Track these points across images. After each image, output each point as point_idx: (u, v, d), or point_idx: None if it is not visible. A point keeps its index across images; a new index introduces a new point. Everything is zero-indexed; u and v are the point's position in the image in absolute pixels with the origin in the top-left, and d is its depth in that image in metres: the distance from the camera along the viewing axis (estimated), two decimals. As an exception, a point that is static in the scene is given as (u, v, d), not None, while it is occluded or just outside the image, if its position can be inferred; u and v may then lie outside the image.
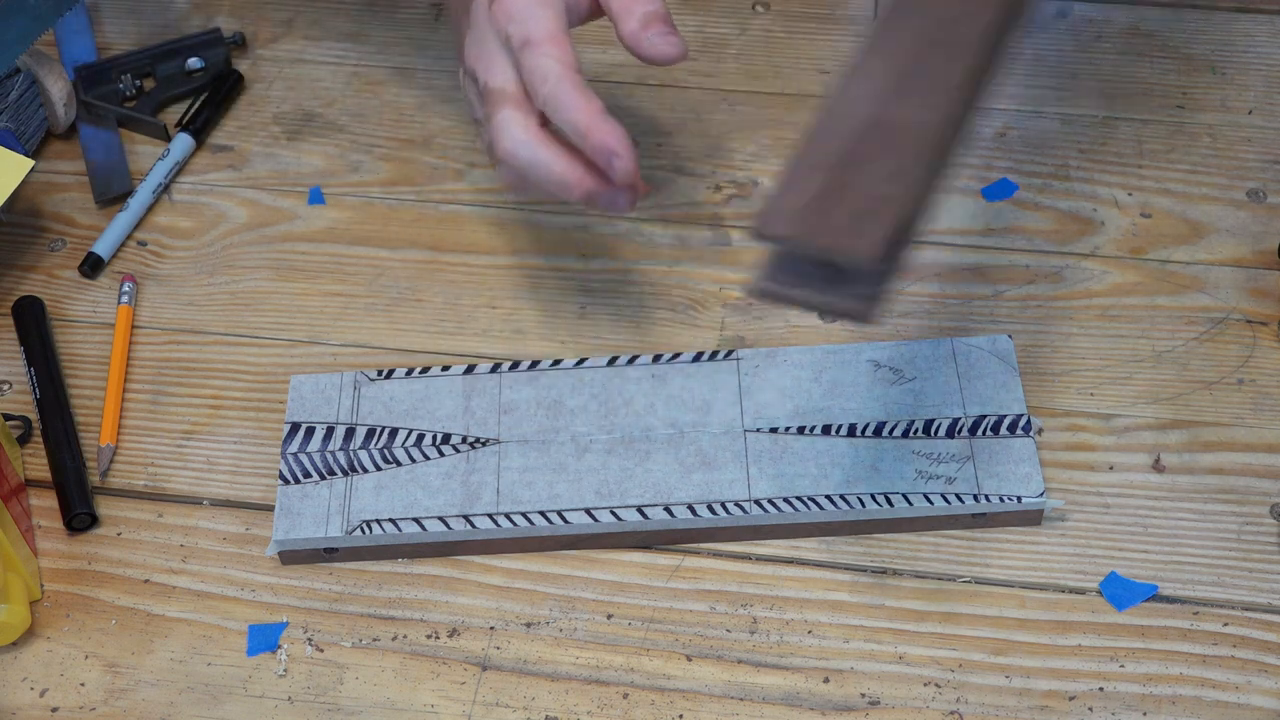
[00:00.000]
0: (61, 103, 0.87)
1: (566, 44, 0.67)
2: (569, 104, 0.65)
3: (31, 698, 0.67)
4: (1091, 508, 0.69)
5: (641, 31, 0.68)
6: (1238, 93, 0.86)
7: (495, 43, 0.68)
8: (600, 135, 0.65)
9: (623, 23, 0.68)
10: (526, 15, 0.67)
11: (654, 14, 0.68)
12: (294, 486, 0.70)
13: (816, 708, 0.64)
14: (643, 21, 0.68)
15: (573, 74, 0.66)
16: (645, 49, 0.68)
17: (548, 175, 0.67)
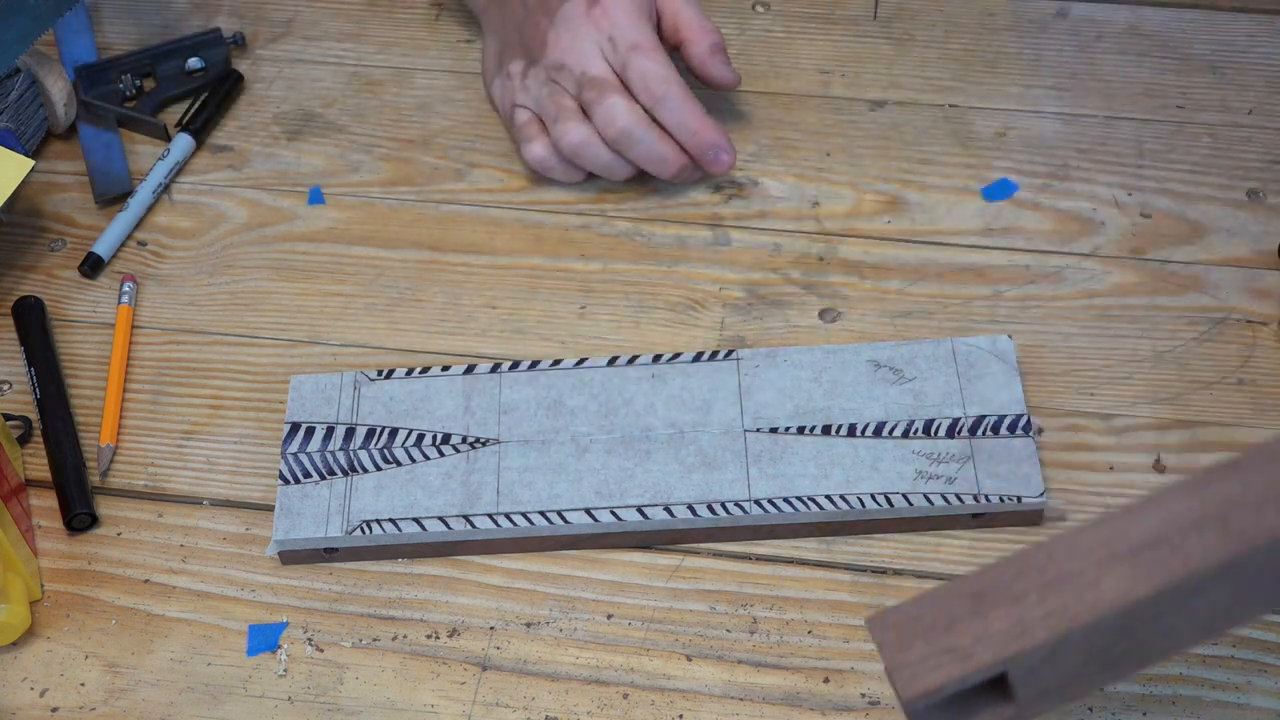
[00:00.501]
0: (61, 103, 0.87)
1: (666, 53, 0.79)
2: (681, 106, 0.78)
3: (31, 698, 0.67)
4: (1091, 508, 0.69)
5: (709, 56, 0.81)
6: (1238, 93, 0.86)
7: (592, 40, 0.78)
8: (710, 133, 0.78)
9: (692, 47, 0.81)
10: (632, 24, 0.78)
11: (717, 44, 0.82)
12: (294, 486, 0.70)
13: (816, 708, 0.64)
14: (710, 49, 0.81)
15: (680, 79, 0.78)
16: (711, 71, 0.82)
17: (652, 150, 0.78)
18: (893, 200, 0.82)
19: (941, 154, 0.84)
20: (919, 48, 0.90)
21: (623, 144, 0.78)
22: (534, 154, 0.80)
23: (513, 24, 0.82)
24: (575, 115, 0.79)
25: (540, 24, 0.80)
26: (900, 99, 0.87)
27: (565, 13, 0.79)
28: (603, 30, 0.78)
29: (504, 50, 0.83)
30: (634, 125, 0.77)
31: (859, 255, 0.80)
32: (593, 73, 0.78)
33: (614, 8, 0.78)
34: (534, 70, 0.80)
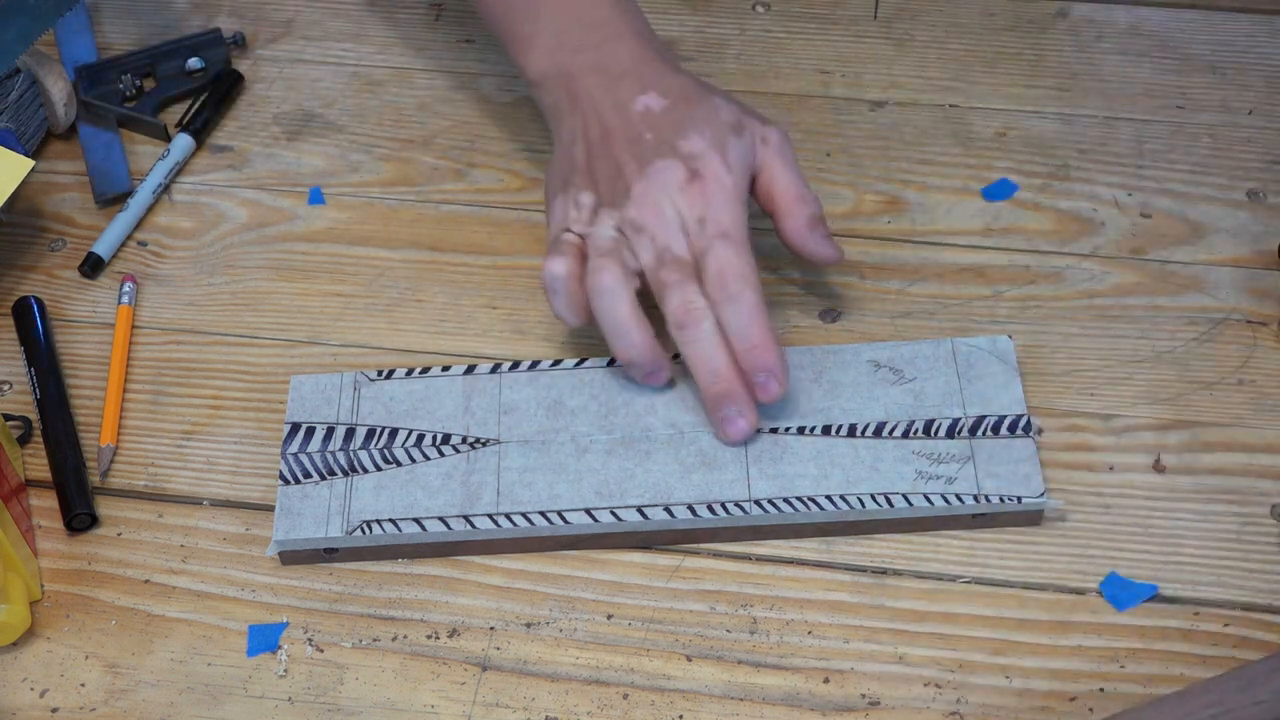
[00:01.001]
0: (61, 103, 0.87)
1: (752, 248, 0.71)
2: (752, 312, 0.69)
3: (31, 698, 0.67)
4: (1091, 508, 0.69)
5: (808, 230, 0.73)
6: (1238, 93, 0.86)
7: (683, 215, 0.70)
8: (769, 355, 0.69)
9: (788, 220, 0.73)
10: (729, 209, 0.71)
11: (816, 216, 0.73)
12: (294, 487, 0.70)
13: (816, 708, 0.64)
14: (809, 222, 0.73)
15: (758, 283, 0.70)
16: (811, 248, 0.73)
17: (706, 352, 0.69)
18: (893, 200, 0.82)
19: (941, 154, 0.84)
20: (919, 48, 0.90)
21: (683, 333, 0.69)
22: (555, 269, 0.71)
23: (588, 146, 0.73)
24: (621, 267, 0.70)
25: (626, 167, 0.71)
26: (900, 99, 0.87)
27: (659, 173, 0.71)
28: (695, 209, 0.70)
29: (575, 173, 0.73)
30: (704, 321, 0.69)
31: (859, 255, 0.80)
32: (677, 252, 0.70)
33: (715, 188, 0.70)
34: (608, 213, 0.71)
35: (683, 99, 0.73)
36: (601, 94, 0.74)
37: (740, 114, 0.73)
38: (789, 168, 0.73)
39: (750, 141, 0.72)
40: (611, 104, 0.73)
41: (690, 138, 0.71)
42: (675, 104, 0.73)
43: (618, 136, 0.72)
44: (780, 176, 0.73)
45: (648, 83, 0.74)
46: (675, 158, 0.71)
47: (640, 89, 0.73)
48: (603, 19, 0.76)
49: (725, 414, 0.69)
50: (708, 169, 0.71)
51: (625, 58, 0.75)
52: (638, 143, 0.72)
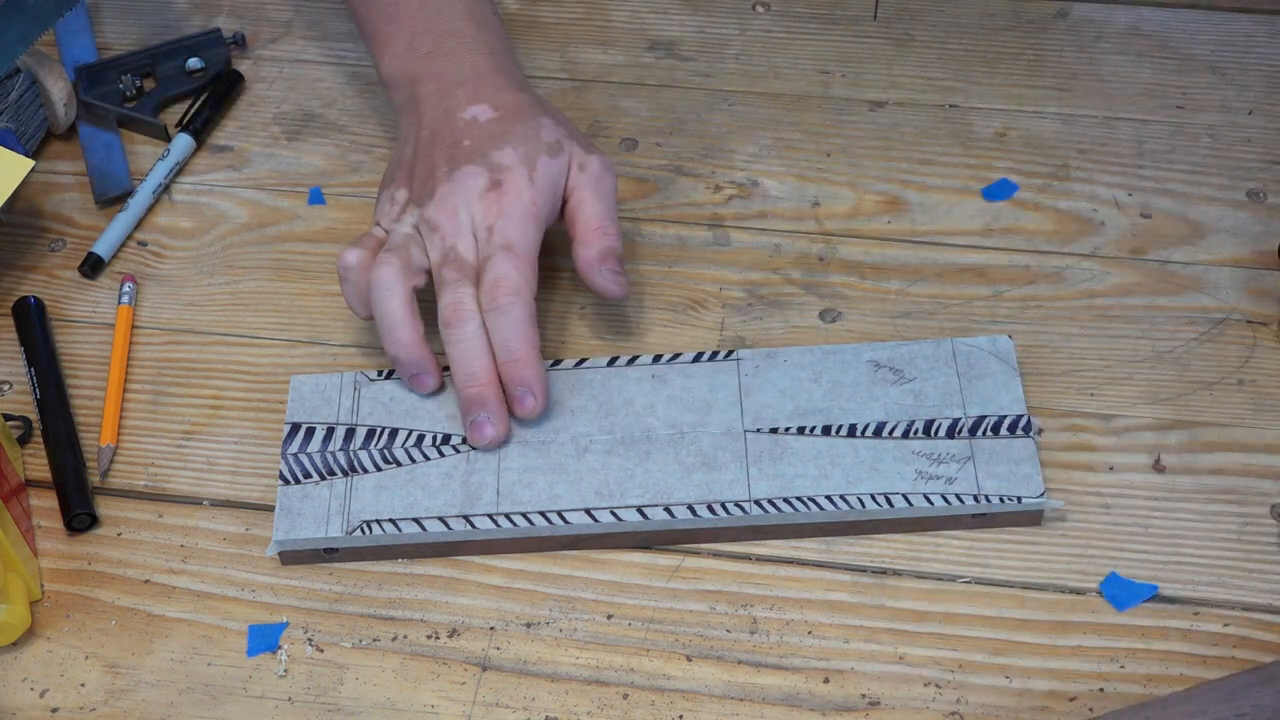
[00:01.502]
0: (61, 103, 0.87)
1: (536, 268, 0.72)
2: (519, 328, 0.70)
3: (31, 698, 0.67)
4: (1091, 508, 0.69)
5: (597, 263, 0.73)
6: (1238, 93, 0.86)
7: (475, 221, 0.72)
8: (528, 370, 0.70)
9: (581, 248, 0.74)
10: (520, 225, 0.72)
11: (609, 250, 0.74)
12: (294, 487, 0.70)
13: (816, 708, 0.64)
14: (600, 255, 0.73)
15: (531, 298, 0.71)
16: (595, 280, 0.73)
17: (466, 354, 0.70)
18: (893, 200, 0.82)
19: (941, 154, 0.84)
20: (919, 48, 0.90)
21: (449, 331, 0.70)
22: (347, 259, 0.73)
23: (415, 148, 0.76)
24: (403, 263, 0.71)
25: (438, 170, 0.74)
26: (900, 99, 0.87)
27: (464, 178, 0.73)
28: (489, 217, 0.72)
29: (398, 170, 0.76)
30: (469, 323, 0.70)
31: (859, 255, 0.80)
32: (461, 254, 0.71)
33: (511, 201, 0.72)
34: (412, 210, 0.73)
35: (512, 113, 0.75)
36: (437, 100, 0.76)
37: (564, 137, 0.75)
38: (599, 198, 0.74)
39: (564, 164, 0.74)
40: (443, 110, 0.76)
41: (504, 149, 0.73)
42: (503, 116, 0.75)
43: (441, 141, 0.75)
44: (587, 205, 0.74)
45: (482, 95, 0.76)
46: (483, 166, 0.73)
47: (473, 99, 0.76)
48: (456, 30, 0.79)
49: (475, 418, 0.70)
50: (510, 181, 0.72)
51: (468, 69, 0.77)
52: (455, 148, 0.74)
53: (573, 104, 0.88)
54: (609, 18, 0.93)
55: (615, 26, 0.93)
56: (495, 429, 0.70)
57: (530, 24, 0.93)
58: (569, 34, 0.93)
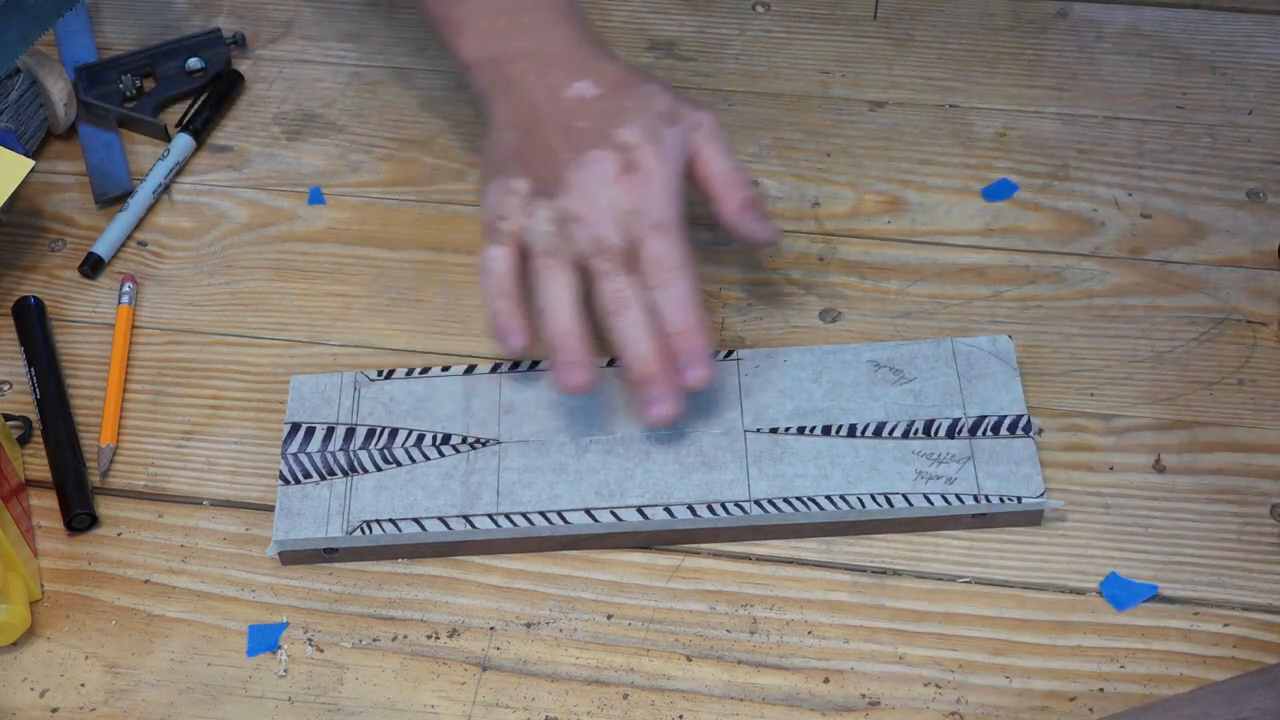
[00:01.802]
0: (61, 103, 0.87)
1: (688, 236, 0.71)
2: (686, 301, 0.69)
3: (31, 698, 0.67)
4: (1091, 508, 0.69)
5: (741, 214, 0.73)
6: (1238, 93, 0.86)
7: (618, 207, 0.70)
8: (697, 340, 0.69)
9: (722, 205, 0.73)
10: (665, 203, 0.71)
11: (749, 200, 0.73)
12: (294, 487, 0.70)
13: (816, 708, 0.64)
14: (742, 206, 0.73)
15: (693, 272, 0.70)
16: (745, 230, 0.73)
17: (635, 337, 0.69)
18: (893, 200, 0.82)
19: (941, 154, 0.84)
20: (919, 48, 0.90)
21: (613, 319, 0.70)
22: (493, 256, 0.71)
23: (522, 133, 0.73)
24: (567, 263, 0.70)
25: (559, 156, 0.71)
26: (900, 99, 0.87)
27: (594, 164, 0.71)
28: (630, 201, 0.70)
29: (508, 160, 0.73)
30: (631, 309, 0.69)
31: (859, 255, 0.80)
32: (611, 242, 0.70)
33: (650, 181, 0.70)
34: (543, 202, 0.71)
35: (616, 86, 0.73)
36: (534, 79, 0.74)
37: (673, 102, 0.73)
38: (722, 152, 0.73)
39: (684, 129, 0.73)
40: (545, 89, 0.73)
41: (625, 128, 0.71)
42: (609, 92, 0.73)
43: (551, 123, 0.72)
44: (713, 161, 0.73)
45: (581, 69, 0.73)
46: (610, 148, 0.71)
47: (574, 75, 0.73)
48: (534, 3, 0.76)
49: (648, 396, 0.69)
50: (643, 162, 0.71)
51: (558, 43, 0.75)
52: (571, 131, 0.72)
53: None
54: (609, 18, 0.93)
55: (615, 26, 0.93)
56: (668, 407, 0.69)
57: (530, 24, 0.93)
58: (569, 34, 0.93)
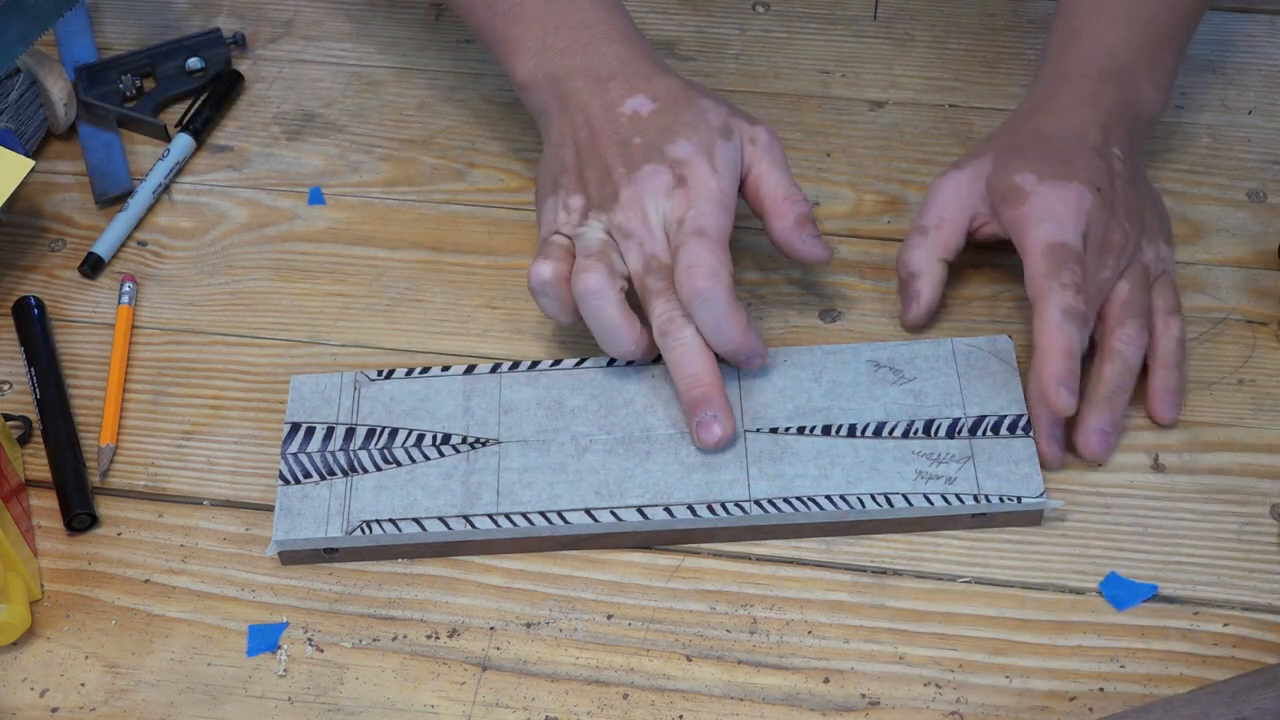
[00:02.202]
0: (61, 103, 0.87)
1: (729, 251, 0.70)
2: (726, 313, 0.69)
3: (31, 698, 0.67)
4: (1091, 508, 0.69)
5: (796, 231, 0.72)
6: (1238, 93, 0.86)
7: (659, 218, 0.71)
8: (750, 344, 0.70)
9: (776, 220, 0.73)
10: (711, 213, 0.70)
11: (804, 216, 0.72)
12: (294, 487, 0.70)
13: (816, 708, 0.64)
14: (797, 223, 0.72)
15: (729, 279, 0.69)
16: (798, 248, 0.72)
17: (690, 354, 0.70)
18: (893, 200, 0.82)
19: (941, 154, 0.84)
20: (919, 48, 0.90)
21: (665, 339, 0.70)
22: (542, 272, 0.71)
23: (578, 149, 0.73)
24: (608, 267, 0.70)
25: (615, 171, 0.72)
26: (900, 99, 0.87)
27: (647, 178, 0.71)
28: (678, 212, 0.70)
29: (564, 175, 0.73)
30: (685, 329, 0.69)
31: (859, 255, 0.80)
32: (663, 259, 0.70)
33: (700, 193, 0.70)
34: (596, 215, 0.72)
35: (671, 102, 0.73)
36: (589, 96, 0.74)
37: (728, 115, 0.73)
38: (777, 167, 0.73)
39: (738, 143, 0.72)
40: (600, 106, 0.73)
41: (678, 143, 0.71)
42: (664, 107, 0.73)
43: (606, 139, 0.72)
44: (769, 176, 0.73)
45: (636, 85, 0.74)
46: (663, 163, 0.71)
47: (628, 91, 0.73)
48: (589, 20, 0.76)
49: (701, 418, 0.69)
50: (694, 175, 0.71)
51: (612, 59, 0.75)
52: (626, 146, 0.72)
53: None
54: (609, 18, 0.93)
55: (615, 26, 0.93)
56: (722, 426, 0.69)
57: (530, 24, 0.93)
58: (569, 34, 0.93)
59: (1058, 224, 0.70)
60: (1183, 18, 0.78)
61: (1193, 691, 0.61)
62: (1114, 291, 0.71)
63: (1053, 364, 0.67)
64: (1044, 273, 0.69)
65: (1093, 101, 0.75)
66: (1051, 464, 0.70)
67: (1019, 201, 0.72)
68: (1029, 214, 0.71)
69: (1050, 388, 0.67)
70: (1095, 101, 0.75)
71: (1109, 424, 0.69)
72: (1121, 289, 0.71)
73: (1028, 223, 0.71)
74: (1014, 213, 0.72)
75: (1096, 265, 0.70)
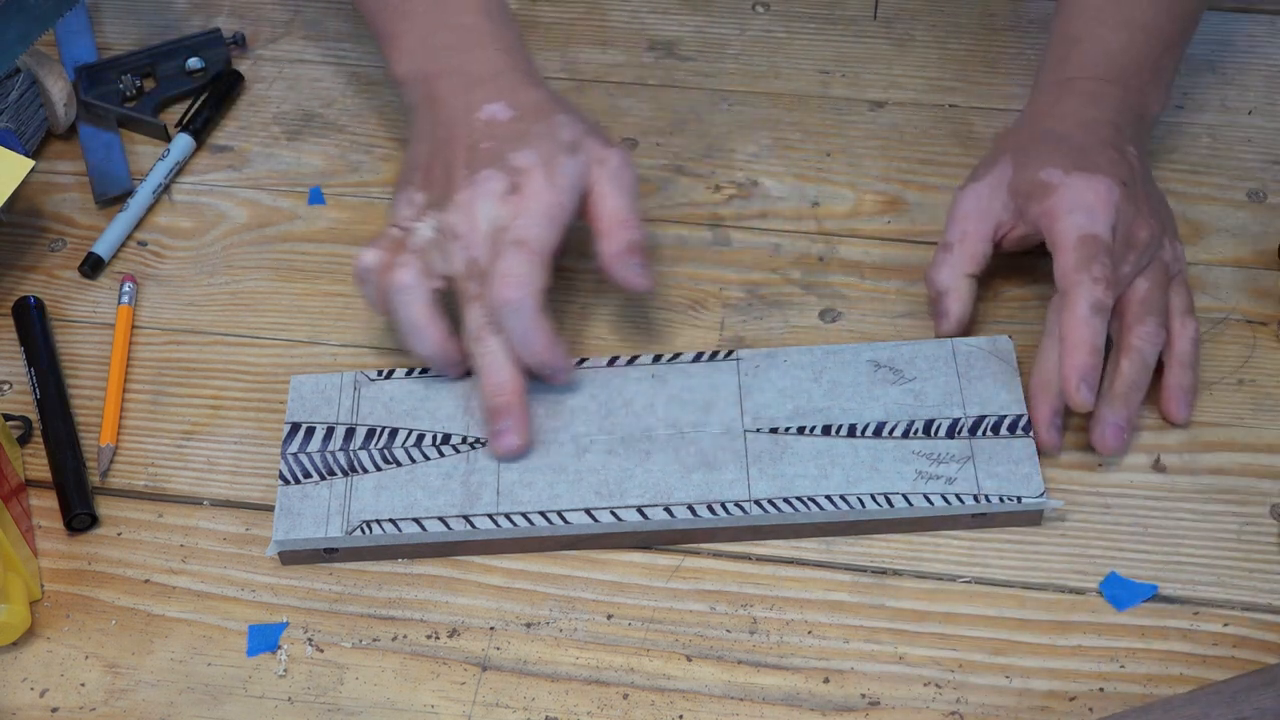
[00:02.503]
0: (61, 103, 0.87)
1: (548, 265, 0.70)
2: (533, 326, 0.69)
3: (31, 698, 0.67)
4: (1091, 508, 0.69)
5: (622, 256, 0.72)
6: (1238, 93, 0.86)
7: (487, 223, 0.71)
8: (554, 359, 0.71)
9: (604, 242, 0.73)
10: (537, 224, 0.71)
11: (633, 243, 0.72)
12: (294, 487, 0.70)
13: (816, 708, 0.64)
14: (625, 248, 0.72)
15: (538, 290, 0.70)
16: (620, 273, 0.72)
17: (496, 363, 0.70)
18: (893, 200, 0.82)
19: (941, 154, 0.84)
20: (919, 48, 0.90)
21: (475, 345, 0.70)
22: (364, 261, 0.72)
23: (432, 147, 0.74)
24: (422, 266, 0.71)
25: (457, 173, 0.72)
26: (900, 99, 0.87)
27: (483, 182, 0.71)
28: (507, 218, 0.70)
29: (415, 171, 0.74)
30: (495, 336, 0.70)
31: (859, 255, 0.80)
32: (484, 265, 0.70)
33: (531, 202, 0.71)
34: (432, 214, 0.72)
35: (529, 112, 0.74)
36: (454, 97, 0.75)
37: (583, 134, 0.74)
38: (620, 192, 0.73)
39: (583, 161, 0.73)
40: (461, 108, 0.74)
41: (523, 152, 0.72)
42: (521, 116, 0.74)
43: (459, 141, 0.73)
44: (609, 199, 0.73)
45: (501, 92, 0.74)
46: (503, 169, 0.71)
47: (492, 97, 0.74)
48: (472, 25, 0.77)
49: (499, 428, 0.70)
50: (530, 184, 0.71)
51: (486, 65, 0.76)
52: (474, 150, 0.73)
53: (573, 104, 0.88)
54: (609, 18, 0.93)
55: (615, 26, 0.93)
56: (519, 438, 0.70)
57: (530, 24, 0.93)
58: (569, 34, 0.93)
59: (1088, 215, 0.70)
60: (1182, 22, 0.79)
61: (1193, 691, 0.61)
62: (1133, 288, 0.71)
63: (1077, 359, 0.67)
64: (1074, 265, 0.69)
65: (1099, 103, 0.75)
66: (1050, 451, 0.70)
67: (1047, 195, 0.71)
68: (1058, 205, 0.71)
69: (1072, 383, 0.67)
70: (1102, 103, 0.75)
71: (1124, 420, 0.69)
72: (1140, 286, 0.71)
73: (1057, 214, 0.71)
74: (1042, 206, 0.71)
75: (1120, 260, 0.70)
